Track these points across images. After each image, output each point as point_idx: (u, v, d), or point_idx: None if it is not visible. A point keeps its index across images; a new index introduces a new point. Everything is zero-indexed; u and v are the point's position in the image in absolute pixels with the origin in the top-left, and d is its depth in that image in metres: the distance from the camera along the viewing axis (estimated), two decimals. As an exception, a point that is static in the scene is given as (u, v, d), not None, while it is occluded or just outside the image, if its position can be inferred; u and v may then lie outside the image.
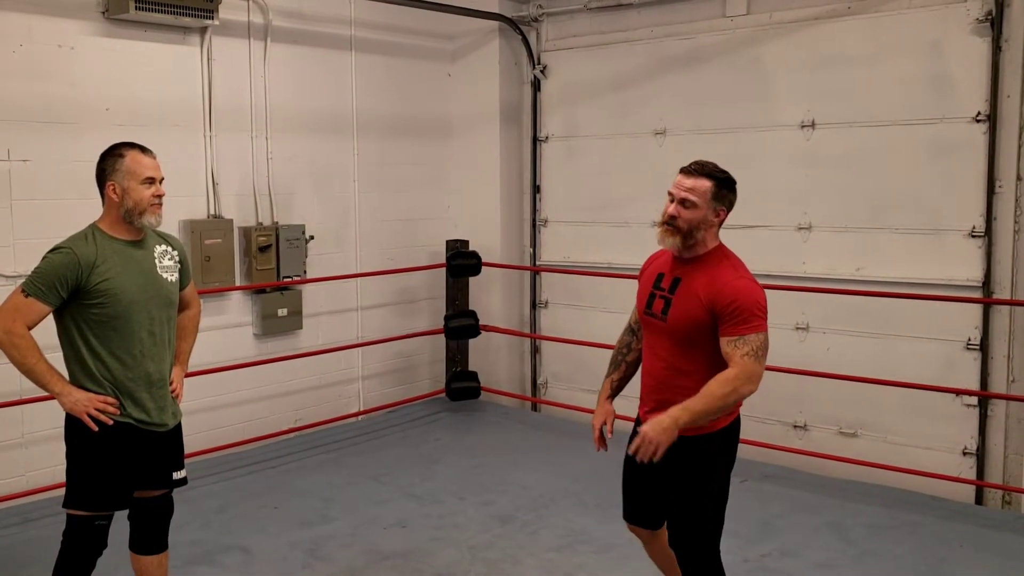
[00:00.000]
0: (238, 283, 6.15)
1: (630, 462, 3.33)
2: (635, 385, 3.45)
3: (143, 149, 3.32)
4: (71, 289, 3.17)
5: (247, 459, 5.99)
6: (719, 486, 3.20)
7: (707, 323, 3.07)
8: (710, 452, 3.16)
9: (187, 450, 5.82)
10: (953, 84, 5.54)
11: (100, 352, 3.23)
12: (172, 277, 3.42)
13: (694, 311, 3.09)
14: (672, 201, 3.15)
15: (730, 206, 3.19)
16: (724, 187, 3.15)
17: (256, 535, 4.79)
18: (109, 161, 3.29)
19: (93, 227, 3.31)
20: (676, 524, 3.23)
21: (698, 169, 3.16)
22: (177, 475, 3.51)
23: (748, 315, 3.01)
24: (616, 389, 3.51)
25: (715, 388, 2.97)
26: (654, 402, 3.20)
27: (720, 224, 3.18)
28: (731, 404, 3.02)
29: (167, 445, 3.45)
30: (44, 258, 3.22)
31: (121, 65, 5.51)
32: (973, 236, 5.53)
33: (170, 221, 5.77)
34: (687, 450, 3.08)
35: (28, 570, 4.31)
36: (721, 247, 3.21)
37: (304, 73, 6.50)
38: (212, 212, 6.01)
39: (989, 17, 5.36)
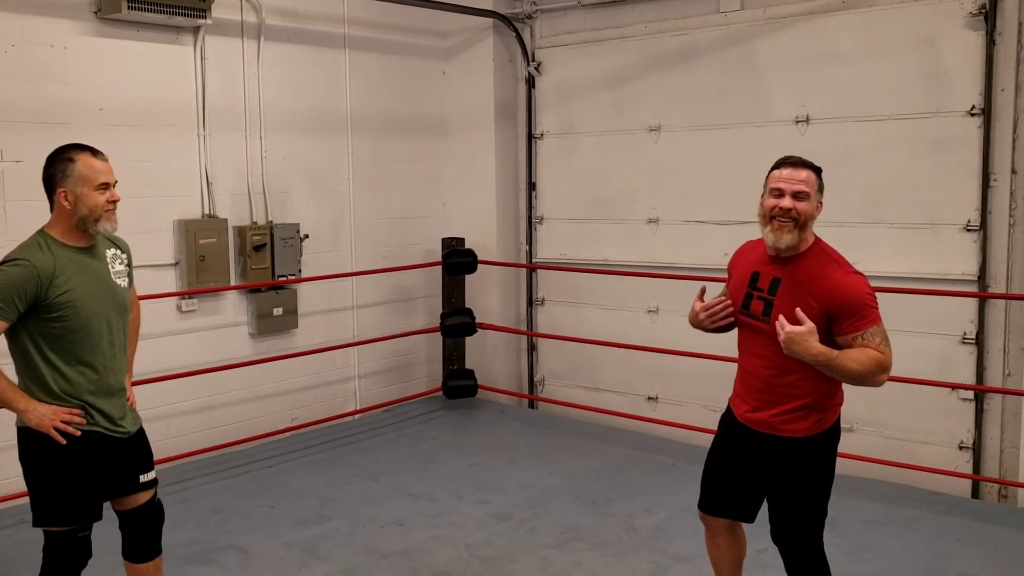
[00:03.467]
0: (233, 283, 6.13)
1: (720, 454, 3.44)
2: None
3: (94, 152, 3.14)
4: (29, 303, 3.00)
5: (243, 459, 5.98)
6: (823, 482, 3.25)
7: (821, 326, 3.05)
8: (812, 452, 3.21)
9: (184, 450, 5.87)
10: (947, 78, 5.53)
11: (59, 366, 3.09)
12: (124, 282, 3.29)
13: (805, 314, 3.04)
14: (780, 196, 3.09)
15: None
16: (821, 178, 3.16)
17: (253, 535, 4.78)
18: (58, 166, 3.09)
19: (44, 235, 3.13)
20: (782, 520, 3.27)
21: (800, 161, 3.14)
22: (145, 477, 3.35)
23: (867, 309, 3.03)
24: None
25: (862, 356, 2.98)
26: (759, 402, 3.23)
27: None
28: (863, 382, 3.04)
29: (134, 449, 3.33)
30: None
31: (114, 65, 5.49)
32: (968, 230, 5.53)
33: (164, 220, 5.79)
34: (790, 450, 3.17)
35: (24, 571, 4.29)
36: (818, 241, 3.19)
37: (298, 72, 6.49)
38: (206, 212, 5.99)
39: (983, 11, 5.36)
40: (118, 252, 3.32)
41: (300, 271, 6.44)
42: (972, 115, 5.46)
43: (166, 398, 5.75)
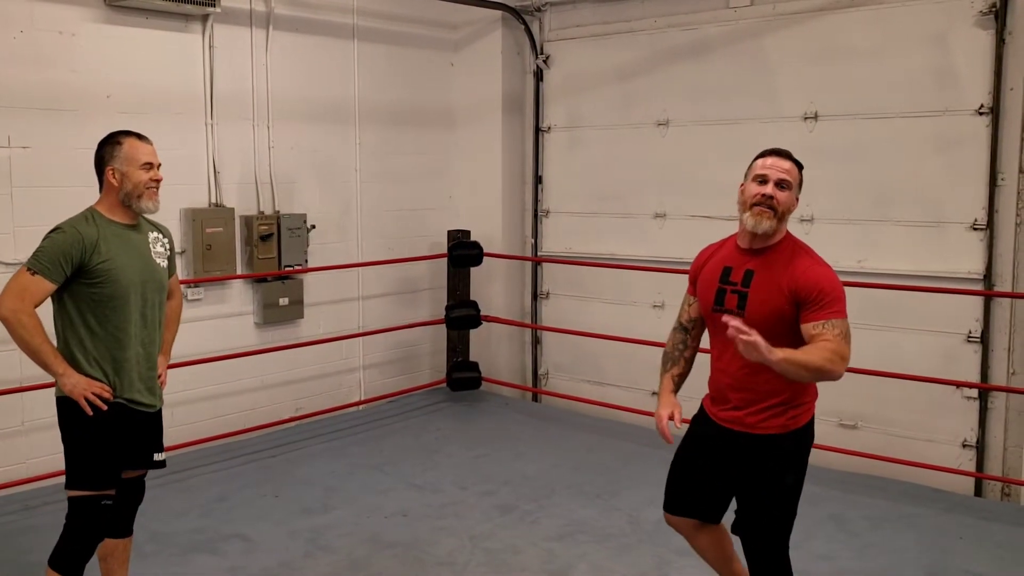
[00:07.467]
0: (239, 272, 6.14)
1: (689, 454, 3.38)
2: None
3: (140, 136, 3.40)
4: (75, 267, 3.24)
5: (248, 448, 6.00)
6: (794, 480, 3.18)
7: (790, 314, 3.04)
8: (785, 448, 3.15)
9: (189, 439, 5.90)
10: (956, 76, 5.52)
11: (97, 331, 3.30)
12: (163, 263, 3.52)
13: (776, 302, 3.05)
14: (764, 183, 3.10)
15: None
16: (802, 174, 3.19)
17: (257, 523, 4.79)
18: (108, 148, 3.38)
19: (92, 210, 3.38)
20: (749, 517, 3.21)
21: (787, 154, 3.16)
22: (158, 456, 3.56)
23: (832, 299, 3.01)
24: (678, 384, 3.44)
25: (816, 352, 2.91)
26: (735, 400, 3.18)
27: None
28: (820, 375, 2.92)
29: (152, 426, 3.52)
30: (47, 237, 3.28)
31: (122, 52, 5.49)
32: (975, 229, 5.52)
33: (171, 209, 5.78)
34: (762, 446, 3.12)
35: (28, 556, 4.31)
36: (790, 235, 3.19)
37: (306, 62, 6.48)
38: (213, 200, 6.00)
39: (993, 9, 5.35)
40: (160, 236, 3.55)
41: (306, 261, 6.45)
42: (981, 114, 5.45)
43: (171, 386, 5.64)
